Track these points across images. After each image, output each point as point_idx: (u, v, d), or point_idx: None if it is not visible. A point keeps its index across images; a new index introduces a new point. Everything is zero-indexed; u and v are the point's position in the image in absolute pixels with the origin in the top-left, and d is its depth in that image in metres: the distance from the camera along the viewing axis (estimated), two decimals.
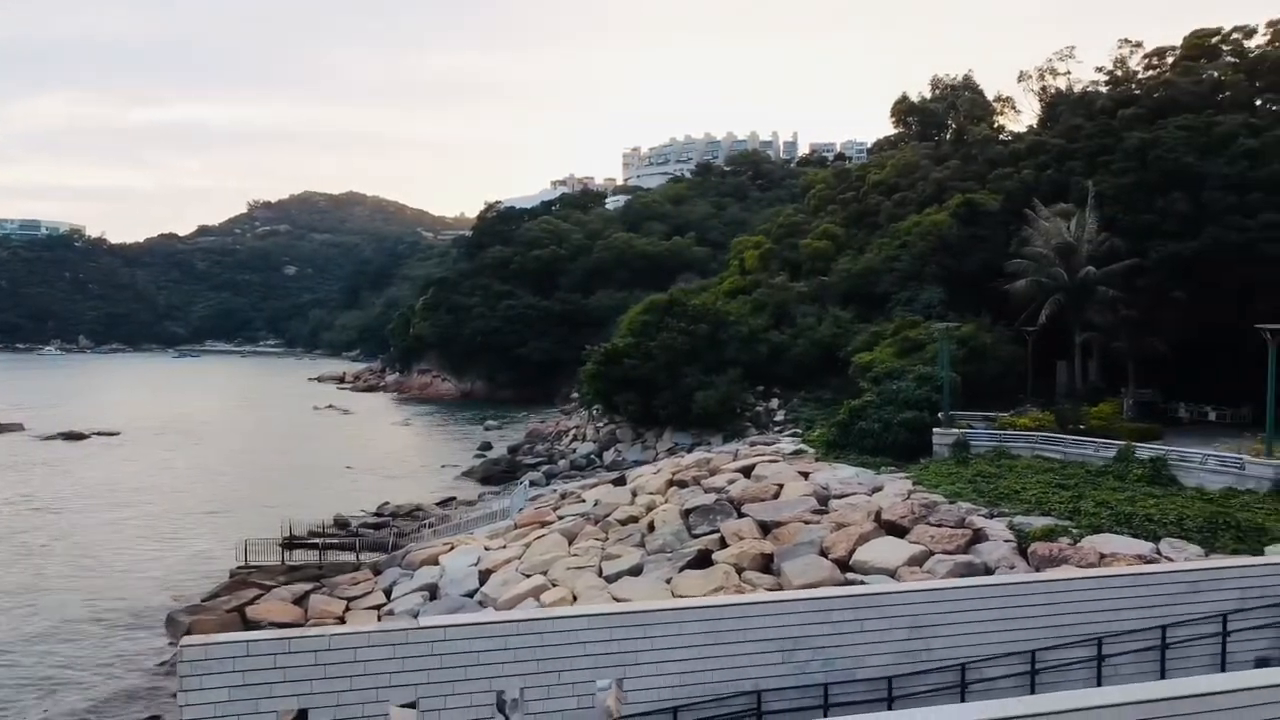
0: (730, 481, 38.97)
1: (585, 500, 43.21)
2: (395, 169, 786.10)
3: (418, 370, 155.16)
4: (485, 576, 33.48)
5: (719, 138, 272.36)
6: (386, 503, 57.45)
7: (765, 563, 29.82)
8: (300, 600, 34.82)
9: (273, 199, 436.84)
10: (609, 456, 67.77)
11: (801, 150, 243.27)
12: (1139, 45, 71.40)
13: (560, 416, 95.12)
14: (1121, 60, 71.61)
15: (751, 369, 67.50)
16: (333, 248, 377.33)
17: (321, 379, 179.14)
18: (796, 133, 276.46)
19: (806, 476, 38.29)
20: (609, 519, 38.00)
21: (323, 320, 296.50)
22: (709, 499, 36.38)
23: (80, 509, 57.58)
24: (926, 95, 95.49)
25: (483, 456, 77.76)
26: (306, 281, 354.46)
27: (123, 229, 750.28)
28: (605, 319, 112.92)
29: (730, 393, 63.70)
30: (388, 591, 35.00)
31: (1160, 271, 47.87)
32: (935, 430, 41.93)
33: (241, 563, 40.00)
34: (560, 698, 12.47)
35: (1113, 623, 14.45)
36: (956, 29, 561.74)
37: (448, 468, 74.16)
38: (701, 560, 30.65)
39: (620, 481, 46.73)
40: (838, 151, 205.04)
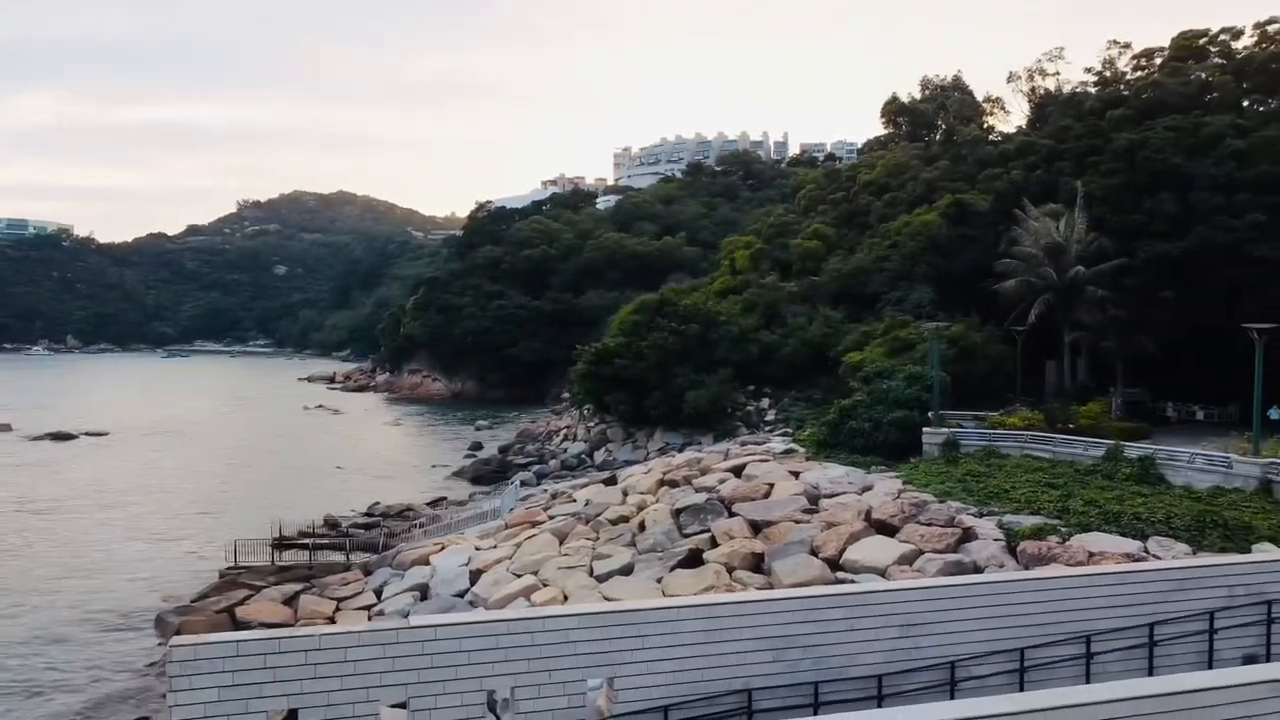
0: (721, 481, 39.00)
1: (576, 500, 43.17)
2: (386, 169, 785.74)
3: (408, 370, 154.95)
4: (476, 576, 33.46)
5: (710, 138, 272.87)
6: (377, 503, 57.35)
7: (756, 562, 29.89)
8: (290, 601, 34.74)
9: (262, 198, 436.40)
10: (600, 456, 67.70)
11: (792, 150, 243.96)
12: (1127, 46, 71.84)
13: (551, 416, 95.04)
14: (1110, 61, 71.99)
15: (742, 369, 67.56)
16: (323, 247, 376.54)
17: (311, 379, 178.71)
18: (787, 133, 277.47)
19: (797, 476, 38.35)
20: (600, 519, 37.98)
21: (313, 320, 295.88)
22: (700, 498, 36.41)
23: (69, 510, 57.28)
24: (916, 96, 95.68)
25: (473, 456, 77.71)
26: (296, 281, 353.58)
27: (111, 229, 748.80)
28: (596, 319, 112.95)
29: (721, 392, 63.73)
30: (378, 592, 34.95)
31: (1148, 271, 48.15)
32: (925, 429, 42.03)
33: (231, 563, 39.91)
34: (551, 697, 12.45)
35: (1101, 621, 14.52)
36: (946, 30, 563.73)
37: (438, 468, 74.07)
38: (692, 559, 30.71)
39: (611, 481, 46.69)
40: (828, 152, 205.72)
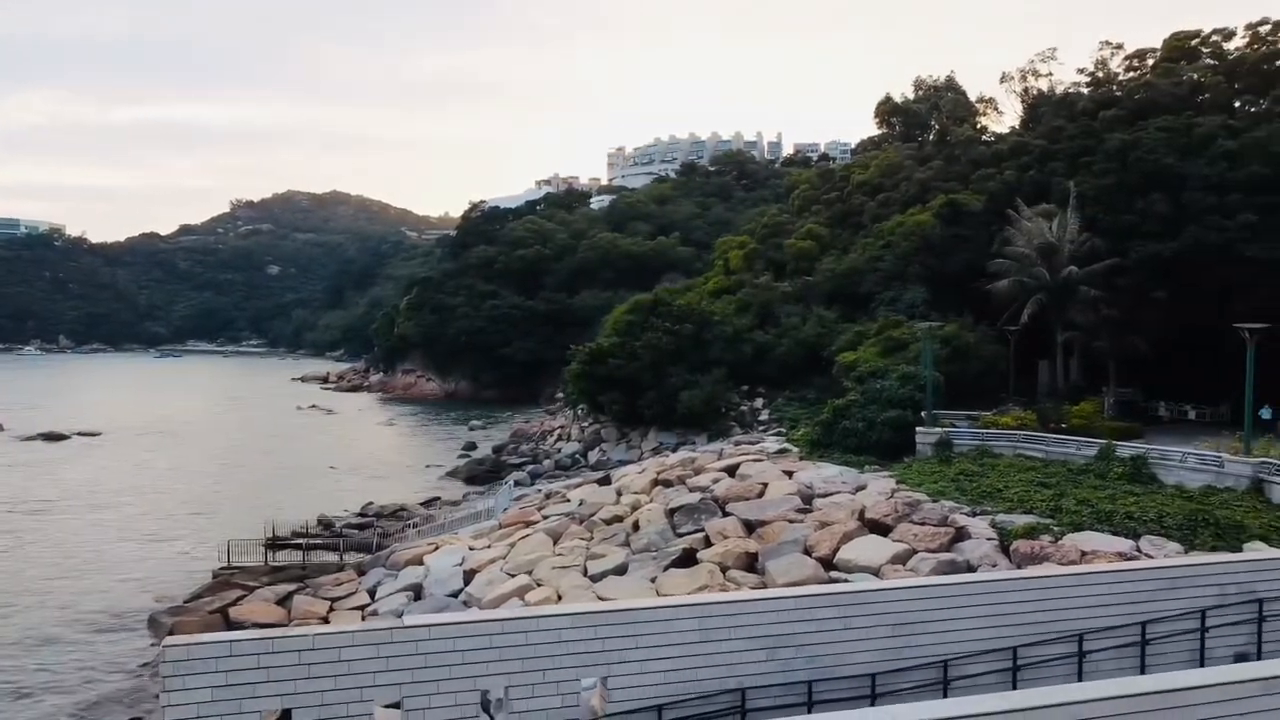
0: (715, 481, 39.02)
1: (570, 500, 43.16)
2: (379, 168, 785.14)
3: (402, 370, 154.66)
4: (470, 576, 33.41)
5: (704, 138, 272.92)
6: (370, 503, 57.22)
7: (750, 561, 29.91)
8: (284, 601, 34.67)
9: (256, 198, 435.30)
10: (594, 456, 67.70)
11: (786, 150, 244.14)
12: (1120, 47, 72.03)
13: (545, 416, 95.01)
14: (1102, 62, 72.19)
15: (736, 369, 67.63)
16: (316, 247, 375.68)
17: (305, 379, 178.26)
18: (781, 133, 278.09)
19: (791, 475, 38.40)
20: (594, 518, 37.98)
21: (306, 320, 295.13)
22: (694, 498, 36.44)
23: (61, 510, 57.10)
24: (910, 96, 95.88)
25: (467, 456, 77.58)
26: (290, 281, 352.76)
27: (103, 228, 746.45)
28: (590, 319, 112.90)
29: (715, 392, 63.77)
30: (372, 592, 34.88)
31: (1141, 271, 48.28)
32: (918, 429, 42.10)
33: (224, 563, 39.76)
34: (545, 696, 12.46)
35: (1094, 619, 14.58)
36: (941, 31, 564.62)
37: (432, 468, 73.95)
38: (686, 559, 30.72)
39: (605, 481, 46.70)
40: (822, 152, 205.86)
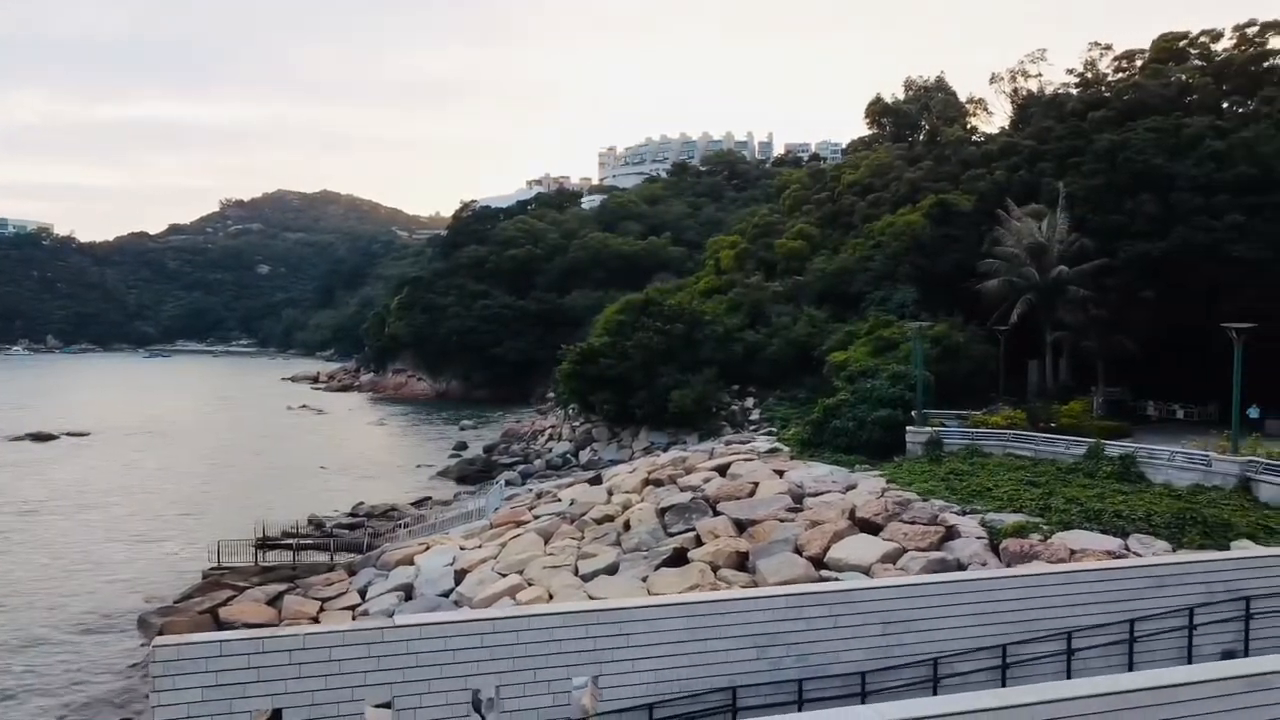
0: (706, 480, 39.06)
1: (561, 500, 43.14)
2: (370, 168, 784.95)
3: (392, 370, 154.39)
4: (461, 576, 33.39)
5: (694, 138, 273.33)
6: (361, 503, 57.08)
7: (741, 560, 29.95)
8: (274, 601, 34.59)
9: (245, 197, 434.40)
10: (585, 456, 67.66)
11: (777, 151, 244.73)
12: (1109, 48, 72.33)
13: (536, 416, 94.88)
14: (1091, 63, 72.48)
15: (727, 368, 67.66)
16: (306, 247, 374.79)
17: (295, 379, 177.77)
18: (772, 133, 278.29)
19: (781, 475, 38.47)
20: (585, 518, 37.98)
21: (296, 320, 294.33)
22: (685, 498, 36.47)
23: (50, 510, 56.80)
24: (900, 96, 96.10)
25: (458, 456, 77.50)
26: (280, 281, 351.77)
27: (92, 228, 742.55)
28: (581, 318, 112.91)
29: (706, 392, 63.80)
30: (362, 592, 34.83)
31: (1129, 271, 48.47)
32: (909, 428, 42.20)
33: (214, 564, 39.67)
34: (536, 695, 12.47)
35: (1082, 617, 14.67)
36: (932, 30, 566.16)
37: (423, 468, 73.83)
38: (677, 558, 30.74)
39: (596, 481, 46.70)
40: (812, 152, 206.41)
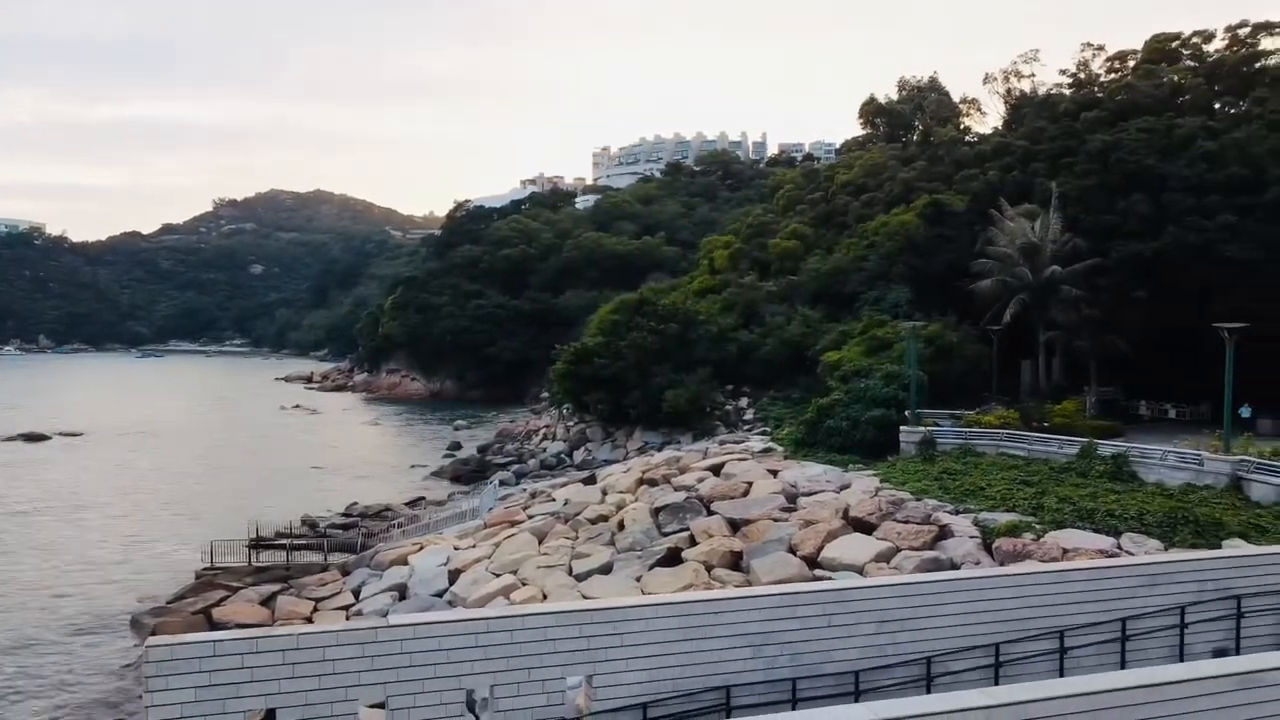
0: (700, 480, 39.09)
1: (555, 499, 43.16)
2: (363, 167, 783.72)
3: (386, 370, 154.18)
4: (455, 576, 33.36)
5: (688, 138, 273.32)
6: (355, 503, 57.01)
7: (734, 560, 29.98)
8: (267, 601, 34.52)
9: (239, 197, 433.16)
10: (579, 456, 67.69)
11: (770, 150, 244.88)
12: (1101, 48, 72.58)
13: (530, 416, 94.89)
14: (1084, 63, 72.71)
15: (721, 368, 67.74)
16: (300, 246, 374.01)
17: (289, 379, 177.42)
18: (765, 133, 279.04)
19: (775, 474, 38.52)
20: (579, 518, 38.00)
21: (290, 320, 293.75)
22: (679, 497, 36.50)
23: (42, 511, 56.60)
24: (894, 97, 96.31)
25: (452, 456, 77.42)
26: (273, 280, 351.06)
27: (84, 227, 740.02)
28: (575, 318, 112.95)
29: (700, 392, 63.86)
30: (356, 592, 34.78)
31: (1122, 271, 48.63)
32: (902, 428, 42.28)
33: (207, 564, 39.55)
34: (530, 695, 12.46)
35: (1075, 616, 14.70)
36: (924, 31, 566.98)
37: (417, 468, 73.75)
38: (671, 558, 30.76)
39: (590, 480, 46.72)
40: (806, 152, 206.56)
